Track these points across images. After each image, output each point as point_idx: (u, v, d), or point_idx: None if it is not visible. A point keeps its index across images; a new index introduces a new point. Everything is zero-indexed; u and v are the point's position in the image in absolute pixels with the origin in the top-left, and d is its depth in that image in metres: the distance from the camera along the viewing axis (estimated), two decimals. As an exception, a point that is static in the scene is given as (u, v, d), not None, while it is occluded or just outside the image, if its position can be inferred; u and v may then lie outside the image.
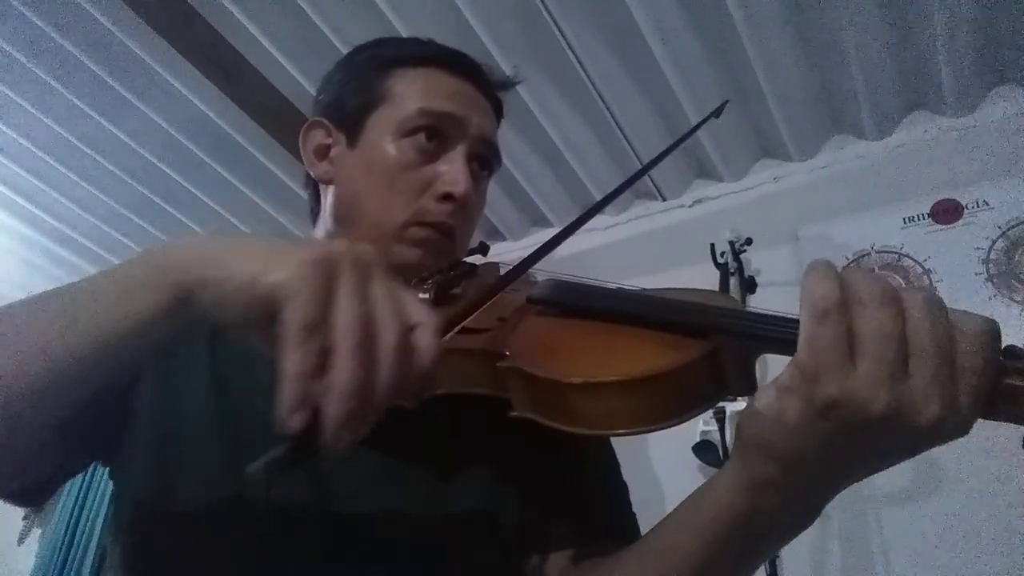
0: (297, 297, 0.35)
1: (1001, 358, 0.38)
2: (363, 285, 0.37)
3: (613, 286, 0.57)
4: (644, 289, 0.58)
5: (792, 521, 0.44)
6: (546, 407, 0.47)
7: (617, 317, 0.51)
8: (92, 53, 1.86)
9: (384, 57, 0.74)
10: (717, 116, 0.75)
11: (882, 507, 1.58)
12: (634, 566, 0.55)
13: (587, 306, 0.55)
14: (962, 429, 0.37)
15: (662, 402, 0.44)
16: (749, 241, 1.88)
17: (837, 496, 0.43)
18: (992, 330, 0.36)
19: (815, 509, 0.43)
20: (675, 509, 0.50)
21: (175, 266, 0.41)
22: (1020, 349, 0.39)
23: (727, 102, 0.76)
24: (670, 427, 0.44)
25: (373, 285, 0.38)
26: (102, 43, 1.83)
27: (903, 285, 1.50)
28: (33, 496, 0.58)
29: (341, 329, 0.35)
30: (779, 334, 0.40)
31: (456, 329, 0.47)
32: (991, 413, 0.38)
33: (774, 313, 0.43)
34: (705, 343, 0.44)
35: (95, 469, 2.64)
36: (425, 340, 0.38)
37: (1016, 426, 0.38)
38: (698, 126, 0.71)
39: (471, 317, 0.49)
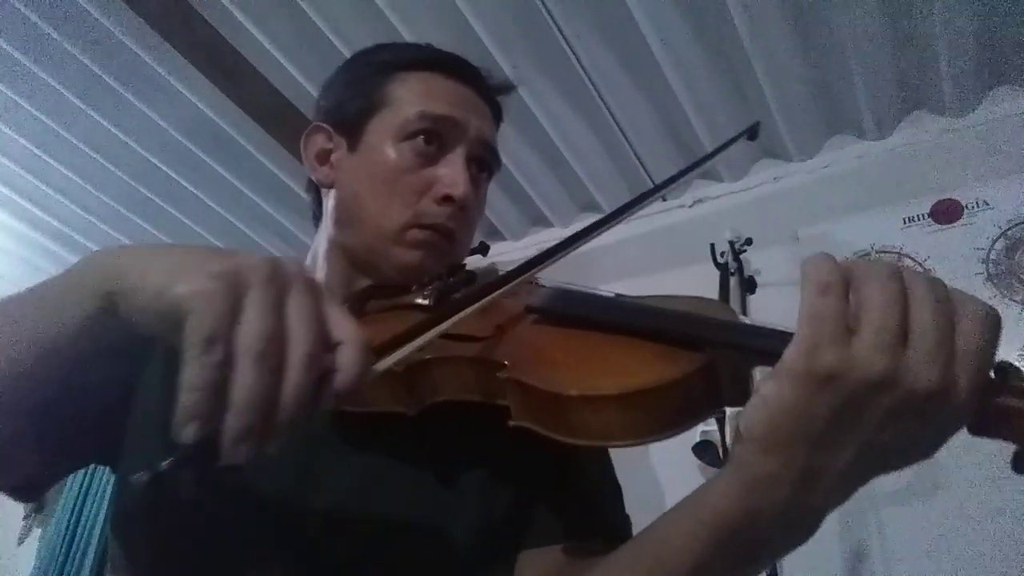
0: (198, 310, 0.35)
1: (992, 375, 0.38)
2: (275, 299, 0.36)
3: (613, 294, 0.57)
4: (643, 297, 0.58)
5: (790, 527, 0.43)
6: (544, 418, 0.48)
7: (615, 328, 0.51)
8: (92, 53, 1.86)
9: (384, 62, 0.75)
10: (752, 138, 0.74)
11: (882, 507, 1.58)
12: (627, 567, 0.55)
13: (585, 316, 0.55)
14: (961, 414, 0.38)
15: (658, 415, 0.44)
16: (749, 241, 1.88)
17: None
18: (992, 315, 0.37)
19: (815, 515, 0.42)
20: (671, 509, 0.50)
21: (98, 275, 0.42)
22: (1009, 364, 0.39)
23: (759, 123, 0.74)
24: (666, 439, 0.44)
25: (290, 299, 0.37)
26: (102, 43, 1.83)
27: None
28: (26, 493, 0.60)
29: (241, 342, 0.34)
30: (773, 347, 0.40)
31: (401, 351, 0.44)
32: (984, 430, 0.39)
33: (770, 326, 0.43)
34: (701, 355, 0.45)
35: (95, 470, 2.66)
36: (348, 358, 0.37)
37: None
38: (729, 143, 0.70)
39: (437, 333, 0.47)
